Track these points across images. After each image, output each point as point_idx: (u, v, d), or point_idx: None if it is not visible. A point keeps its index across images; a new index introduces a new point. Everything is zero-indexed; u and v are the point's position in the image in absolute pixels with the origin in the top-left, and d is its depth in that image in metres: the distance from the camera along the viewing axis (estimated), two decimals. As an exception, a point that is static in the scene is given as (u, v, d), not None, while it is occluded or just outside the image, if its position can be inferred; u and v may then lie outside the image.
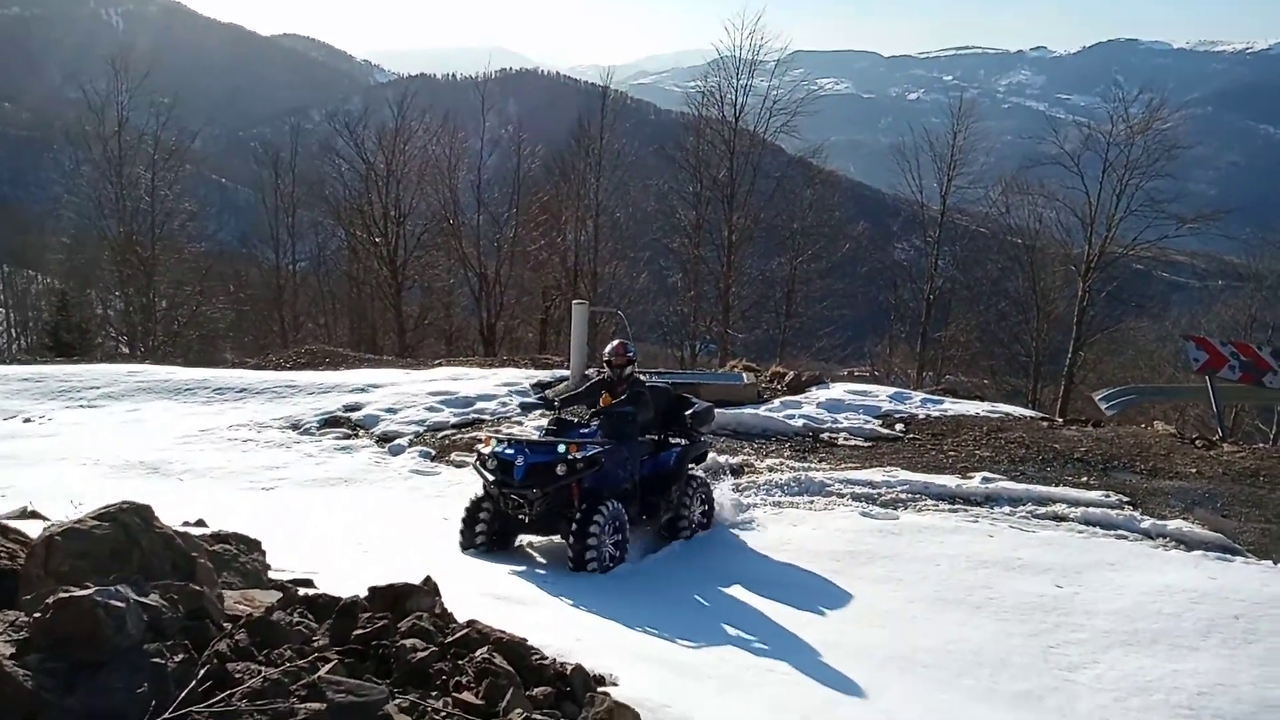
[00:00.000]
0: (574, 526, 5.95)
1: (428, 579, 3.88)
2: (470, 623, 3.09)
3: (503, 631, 3.66)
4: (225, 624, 2.15)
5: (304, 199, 33.50)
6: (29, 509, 6.28)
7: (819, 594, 5.95)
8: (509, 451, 6.18)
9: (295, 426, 10.40)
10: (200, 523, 6.45)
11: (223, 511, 7.16)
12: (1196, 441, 9.53)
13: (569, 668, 3.06)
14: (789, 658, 4.76)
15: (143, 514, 2.26)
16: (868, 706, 4.34)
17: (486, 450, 6.32)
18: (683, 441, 7.35)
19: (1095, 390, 20.19)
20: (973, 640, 5.34)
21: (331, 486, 8.57)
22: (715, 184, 28.02)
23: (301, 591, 3.65)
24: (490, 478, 6.20)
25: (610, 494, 6.24)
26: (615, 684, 3.58)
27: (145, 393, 12.03)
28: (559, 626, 4.38)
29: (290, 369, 13.68)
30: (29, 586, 2.07)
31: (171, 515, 6.76)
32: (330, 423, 10.46)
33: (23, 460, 8.98)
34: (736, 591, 5.93)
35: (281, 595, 2.50)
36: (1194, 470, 8.55)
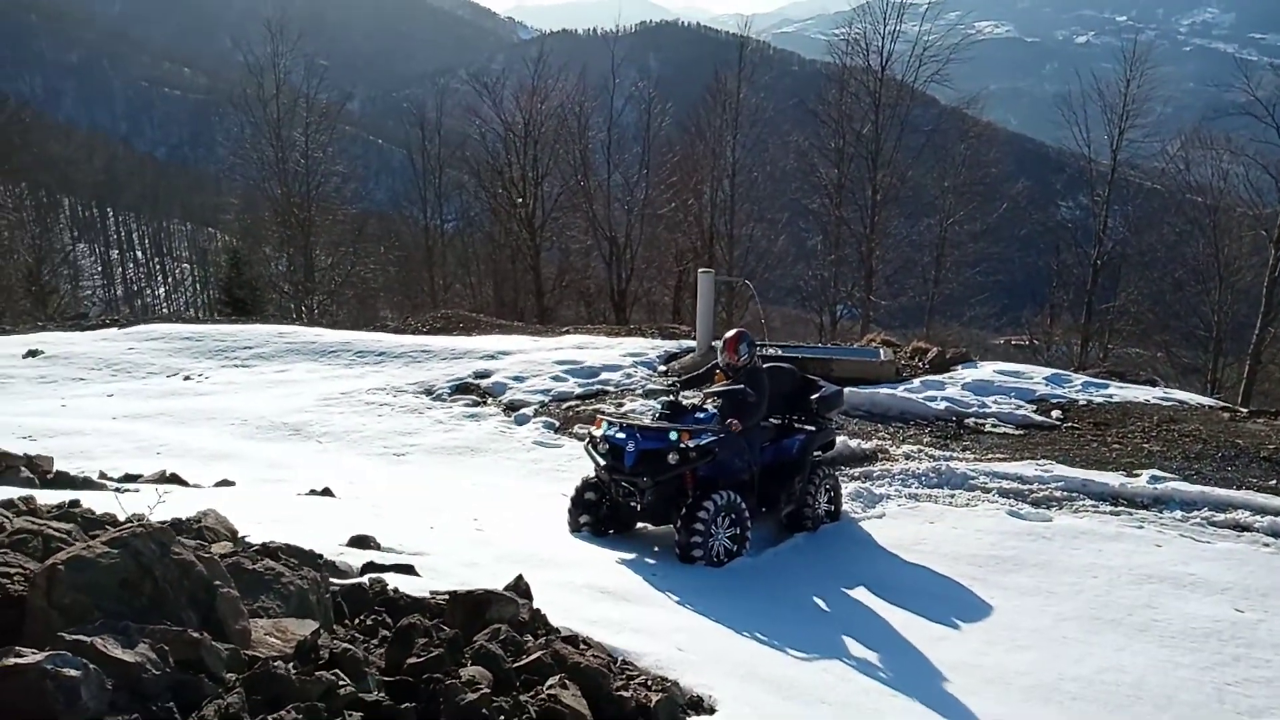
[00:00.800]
0: (682, 515, 5.68)
1: (518, 580, 3.71)
2: (548, 642, 2.85)
3: (587, 645, 3.45)
4: (228, 674, 1.95)
5: (450, 160, 34.30)
6: (168, 473, 6.59)
7: (955, 604, 5.44)
8: (620, 436, 5.91)
9: (428, 392, 10.59)
10: (327, 492, 6.62)
11: (353, 479, 7.36)
12: None
13: (654, 700, 2.78)
14: (915, 682, 4.33)
15: (160, 538, 2.10)
16: (1005, 747, 3.88)
17: (599, 433, 6.07)
18: (809, 428, 6.86)
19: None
20: (1131, 670, 4.72)
21: (458, 455, 8.65)
22: (859, 139, 26.70)
23: (391, 585, 3.55)
24: (601, 462, 5.97)
25: (726, 484, 5.91)
26: (714, 709, 3.29)
27: (293, 354, 12.59)
28: (661, 631, 4.11)
29: (426, 333, 14.02)
30: (33, 620, 1.95)
31: (304, 480, 7.02)
32: (461, 389, 10.59)
33: (178, 418, 9.53)
34: (861, 596, 5.51)
35: (316, 627, 2.27)
36: None
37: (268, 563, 2.51)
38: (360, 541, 4.70)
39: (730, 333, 6.63)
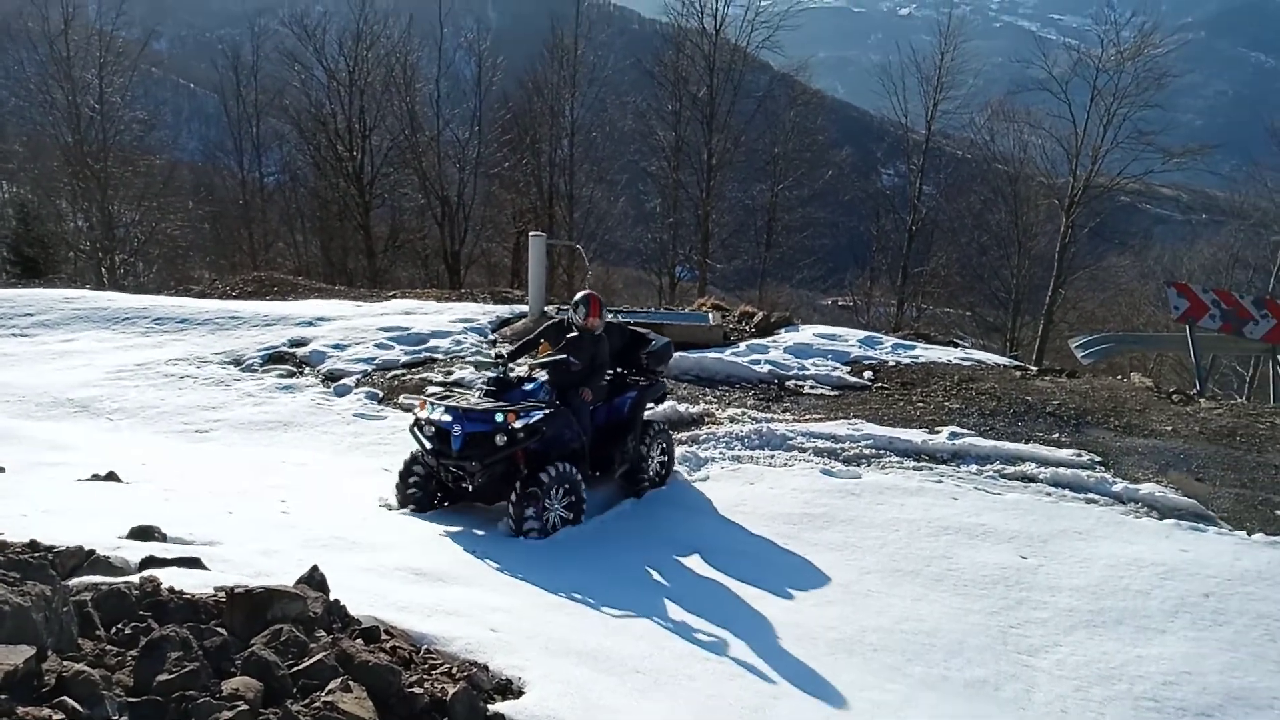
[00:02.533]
0: (515, 493, 5.61)
1: (313, 571, 3.47)
2: (335, 640, 2.66)
3: (390, 635, 3.28)
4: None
5: (269, 108, 31.94)
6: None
7: (769, 563, 5.62)
8: (446, 419, 5.70)
9: (237, 362, 9.87)
10: (112, 476, 6.01)
11: (145, 461, 6.73)
12: (1173, 396, 9.22)
13: (450, 692, 2.66)
14: (729, 643, 4.43)
15: None
16: (807, 701, 4.02)
17: (423, 415, 5.86)
18: (640, 380, 6.87)
19: (1073, 333, 19.88)
20: (928, 619, 5.04)
21: (269, 430, 8.11)
22: (695, 102, 27.01)
23: (168, 584, 3.24)
24: (428, 446, 5.77)
25: (558, 454, 5.86)
26: (523, 691, 3.22)
27: (81, 321, 11.40)
28: (476, 612, 3.99)
29: (236, 297, 13.05)
30: None
31: (89, 463, 6.35)
32: (274, 359, 9.93)
33: (-61, 396, 8.44)
34: (681, 560, 5.59)
35: (30, 654, 1.97)
36: (1169, 428, 8.25)
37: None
38: (142, 533, 4.28)
39: (586, 293, 6.44)
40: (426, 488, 6.02)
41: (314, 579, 3.26)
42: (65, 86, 26.68)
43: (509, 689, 3.22)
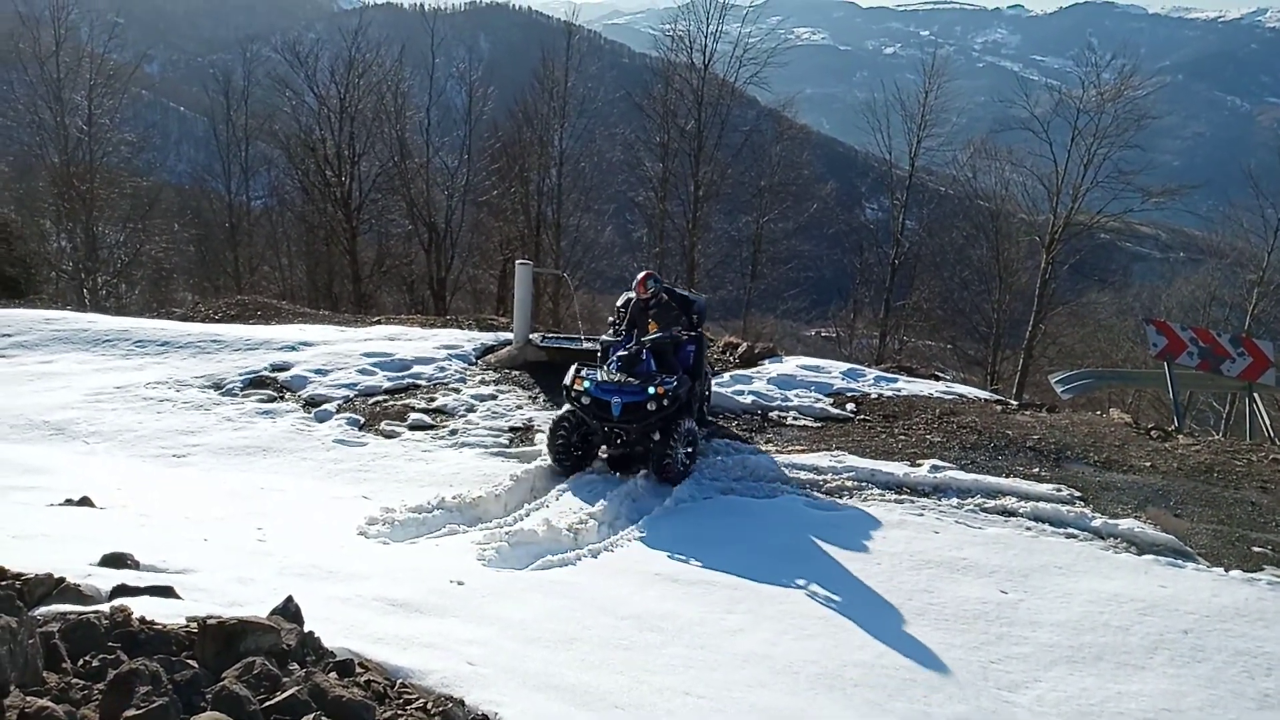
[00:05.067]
0: (653, 445, 7.37)
1: (287, 602, 3.41)
2: (308, 675, 2.62)
3: (364, 668, 3.23)
4: None
5: (258, 132, 32.02)
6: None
7: (749, 595, 5.58)
8: (604, 393, 7.36)
9: (217, 386, 9.79)
10: (86, 501, 5.93)
11: (121, 485, 6.64)
12: (1152, 432, 9.30)
13: (430, 731, 2.62)
14: (709, 677, 4.39)
15: None
16: (789, 738, 3.99)
17: (579, 388, 7.45)
18: (692, 334, 8.22)
19: (1053, 368, 20.06)
20: (909, 654, 5.01)
21: (248, 456, 8.03)
22: (683, 135, 27.29)
23: (139, 614, 3.18)
24: (590, 413, 7.42)
25: (681, 412, 7.48)
26: (499, 728, 3.17)
27: (61, 343, 11.29)
28: (453, 645, 3.94)
29: (219, 321, 12.95)
30: None
31: (63, 487, 6.26)
32: (255, 383, 9.86)
33: (-88, 417, 8.31)
34: (661, 591, 5.54)
35: None
36: (1148, 464, 8.31)
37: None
38: (114, 560, 4.20)
39: (640, 274, 8.23)
40: (570, 440, 7.58)
41: (288, 610, 3.21)
42: (54, 108, 26.67)
43: (484, 724, 3.17)
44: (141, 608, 3.39)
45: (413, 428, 8.80)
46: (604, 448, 7.98)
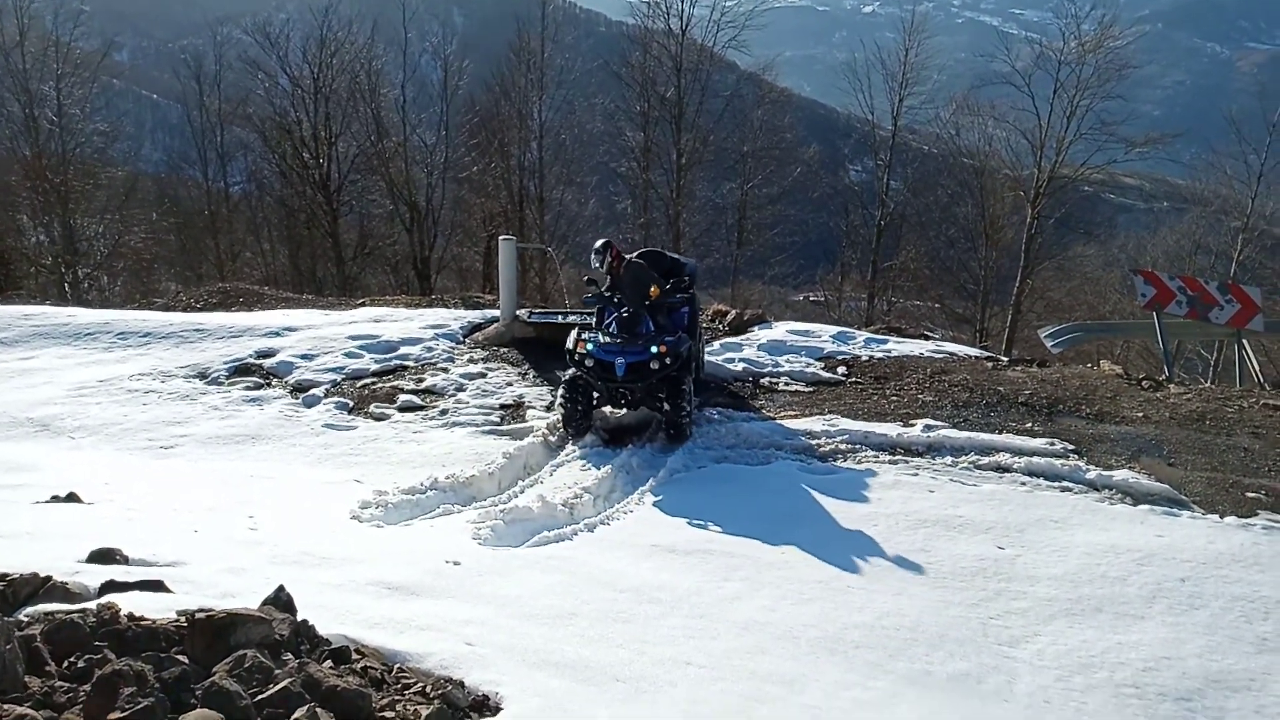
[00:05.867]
0: (667, 406, 7.61)
1: (279, 592, 3.35)
2: (301, 665, 2.57)
3: (361, 654, 3.19)
4: None
5: (233, 117, 31.56)
6: None
7: (748, 562, 5.55)
8: (607, 355, 7.48)
9: (202, 375, 9.68)
10: (73, 497, 5.85)
11: (108, 480, 6.56)
12: (1143, 382, 9.30)
13: (424, 714, 2.58)
14: (709, 645, 4.37)
15: None
16: (790, 703, 3.97)
17: (583, 350, 7.58)
18: (684, 296, 8.32)
19: (1042, 322, 20.08)
20: (908, 613, 5.00)
21: (236, 444, 7.95)
22: (663, 103, 26.99)
23: (127, 609, 3.13)
24: (594, 375, 7.55)
25: (681, 368, 7.62)
26: (500, 707, 3.14)
27: (41, 338, 11.13)
28: (450, 626, 3.90)
29: (201, 310, 12.79)
30: None
31: (50, 484, 6.19)
32: (240, 371, 9.76)
33: (-110, 419, 8.18)
34: (659, 562, 5.50)
35: None
36: (1140, 414, 8.31)
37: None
38: (103, 556, 4.14)
39: (602, 241, 8.27)
40: (577, 405, 7.71)
41: (280, 599, 3.16)
42: (22, 99, 26.17)
43: (485, 705, 3.14)
44: (130, 603, 3.34)
45: (402, 409, 8.72)
46: (598, 420, 7.96)
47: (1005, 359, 10.49)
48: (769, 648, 4.50)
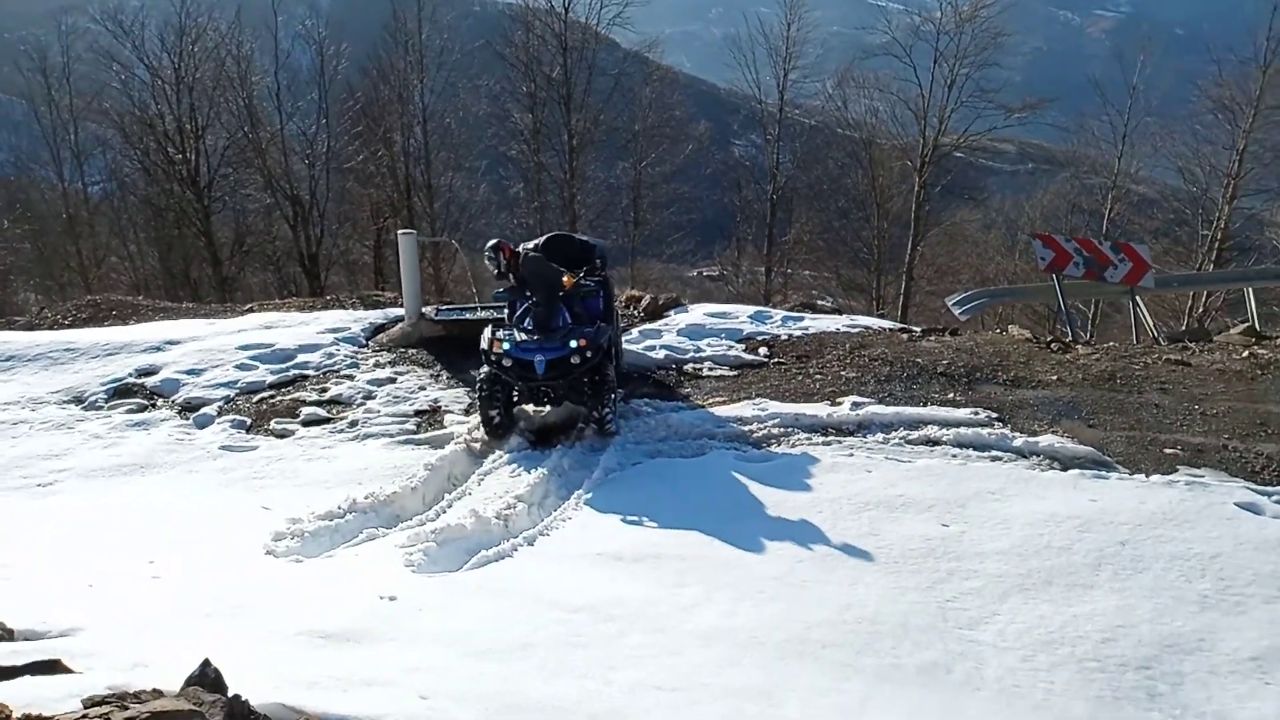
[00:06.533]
0: (590, 400, 7.31)
1: (204, 668, 2.91)
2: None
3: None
4: None
5: (86, 112, 29.25)
6: None
7: (698, 564, 5.34)
8: (525, 353, 7.19)
9: (78, 400, 8.80)
10: (-67, 556, 5.13)
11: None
12: (1052, 345, 9.54)
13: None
14: (675, 664, 4.13)
15: None
16: (773, 718, 3.79)
17: (499, 350, 7.25)
18: (595, 279, 8.01)
19: (933, 288, 20.70)
20: (868, 605, 4.89)
21: (125, 476, 7.22)
22: (550, 83, 26.46)
23: (22, 706, 2.65)
24: (511, 374, 7.24)
25: (602, 359, 7.38)
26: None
27: (-120, 369, 9.92)
28: (397, 676, 3.53)
29: (70, 326, 11.65)
30: None
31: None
32: (121, 392, 8.90)
33: None
34: (609, 572, 5.23)
35: None
36: (1055, 377, 8.50)
37: None
38: (-21, 634, 3.58)
39: (493, 242, 7.93)
40: (496, 406, 7.37)
41: (206, 677, 2.74)
42: None
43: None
44: (23, 694, 2.87)
45: (307, 423, 8.13)
46: (521, 421, 7.61)
47: (919, 330, 10.61)
48: (736, 658, 4.30)
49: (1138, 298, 12.01)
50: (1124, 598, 4.95)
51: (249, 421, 8.19)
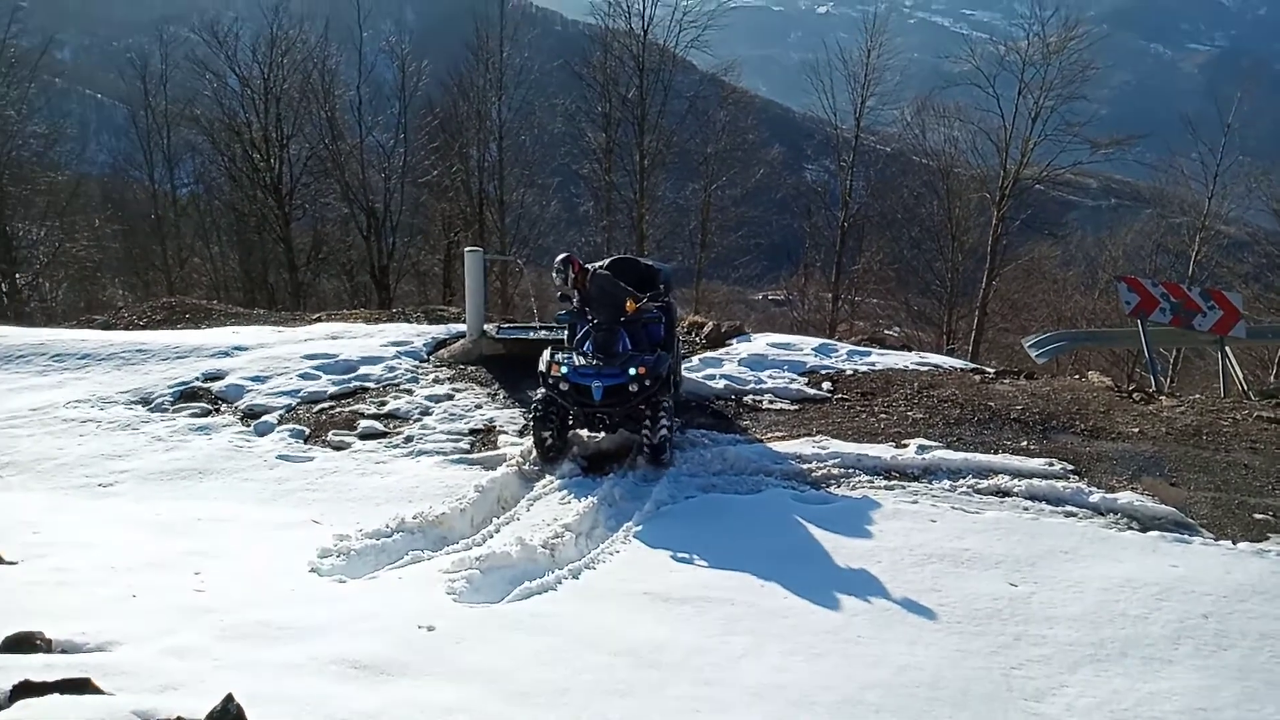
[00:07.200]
0: (647, 429, 7.16)
1: (227, 703, 2.81)
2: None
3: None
4: None
5: (179, 118, 30.42)
6: None
7: (748, 611, 5.12)
8: (583, 378, 7.15)
9: (145, 401, 9.00)
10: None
11: (39, 528, 5.90)
12: (1134, 395, 9.07)
13: None
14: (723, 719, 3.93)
15: None
16: (817, 790, 3.56)
17: (556, 374, 7.22)
18: (659, 304, 7.92)
19: (1006, 325, 20.01)
20: (926, 666, 4.61)
21: (182, 480, 7.32)
22: (625, 104, 26.58)
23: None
24: (570, 399, 7.20)
25: (661, 388, 7.28)
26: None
27: (-34, 361, 10.32)
28: (431, 716, 3.41)
29: (144, 327, 12.01)
30: None
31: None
32: (187, 395, 9.08)
33: None
34: (654, 614, 5.05)
35: None
36: (1136, 430, 8.05)
37: None
38: (19, 644, 3.55)
39: (563, 256, 7.75)
40: (550, 429, 7.33)
41: (229, 714, 2.65)
42: (-50, 102, 24.93)
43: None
44: (49, 714, 2.82)
45: (363, 436, 8.16)
46: (575, 446, 7.51)
47: (992, 371, 10.20)
48: (785, 715, 4.08)
49: (1227, 348, 11.37)
50: (1206, 677, 4.58)
51: (307, 431, 8.25)
